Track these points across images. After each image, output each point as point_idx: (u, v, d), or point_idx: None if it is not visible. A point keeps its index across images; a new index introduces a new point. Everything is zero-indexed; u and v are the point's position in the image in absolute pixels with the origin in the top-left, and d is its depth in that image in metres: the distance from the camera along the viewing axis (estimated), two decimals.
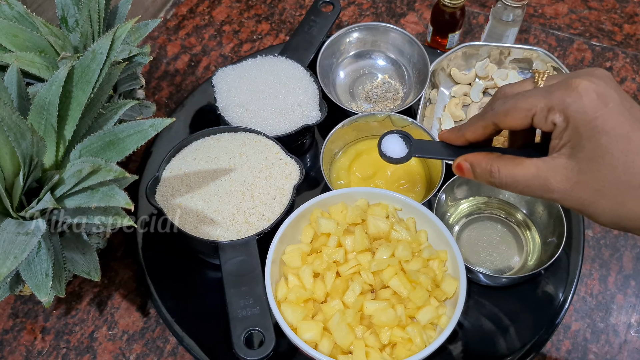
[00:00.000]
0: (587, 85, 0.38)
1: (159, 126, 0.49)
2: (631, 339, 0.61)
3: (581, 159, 0.39)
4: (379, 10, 0.87)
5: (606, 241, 0.67)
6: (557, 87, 0.39)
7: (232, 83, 0.67)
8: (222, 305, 0.55)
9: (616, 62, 0.82)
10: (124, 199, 0.44)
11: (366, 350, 0.50)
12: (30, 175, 0.46)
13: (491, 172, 0.43)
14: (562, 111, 0.39)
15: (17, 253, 0.43)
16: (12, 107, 0.44)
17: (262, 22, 0.85)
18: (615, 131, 0.37)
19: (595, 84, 0.38)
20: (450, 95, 0.74)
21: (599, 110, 0.38)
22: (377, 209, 0.58)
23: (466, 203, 0.66)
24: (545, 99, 0.39)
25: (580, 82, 0.38)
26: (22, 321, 0.61)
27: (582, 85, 0.38)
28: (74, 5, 0.59)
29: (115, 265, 0.64)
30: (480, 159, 0.44)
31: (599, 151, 0.38)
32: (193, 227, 0.57)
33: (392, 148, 0.49)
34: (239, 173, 0.60)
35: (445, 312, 0.53)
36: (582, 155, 0.38)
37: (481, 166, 0.43)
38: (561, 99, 0.39)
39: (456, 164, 0.45)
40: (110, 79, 0.53)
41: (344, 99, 0.75)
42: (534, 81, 0.44)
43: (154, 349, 0.60)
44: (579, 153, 0.39)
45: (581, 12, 0.87)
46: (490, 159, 0.43)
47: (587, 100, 0.38)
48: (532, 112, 0.40)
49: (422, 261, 0.55)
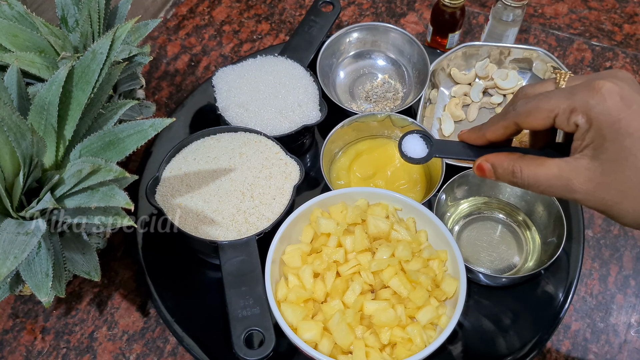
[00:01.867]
0: (611, 87, 0.38)
1: (159, 126, 0.49)
2: (631, 339, 0.61)
3: (604, 160, 0.39)
4: (379, 10, 0.87)
5: (606, 241, 0.67)
6: (579, 89, 0.39)
7: (232, 83, 0.67)
8: (222, 305, 0.55)
9: (616, 62, 0.82)
10: (124, 199, 0.44)
11: (366, 350, 0.50)
12: (30, 175, 0.46)
13: (513, 172, 0.43)
14: (585, 113, 0.39)
15: (17, 253, 0.43)
16: (12, 107, 0.44)
17: (262, 22, 0.85)
18: (638, 133, 0.38)
19: (618, 86, 0.38)
20: (450, 95, 0.74)
21: (622, 112, 0.38)
22: (377, 209, 0.58)
23: (466, 203, 0.66)
24: (568, 100, 0.39)
25: (604, 83, 0.38)
26: (22, 321, 0.61)
27: (606, 87, 0.38)
28: (74, 5, 0.59)
29: (115, 265, 0.64)
30: (502, 159, 0.44)
31: (622, 153, 0.38)
32: (193, 227, 0.57)
33: (413, 148, 0.49)
34: (239, 173, 0.60)
35: (445, 312, 0.53)
36: (605, 156, 0.39)
37: (503, 166, 0.43)
38: (584, 101, 0.39)
39: (477, 164, 0.45)
40: (110, 79, 0.53)
41: (344, 99, 0.75)
42: (555, 82, 0.44)
43: (154, 349, 0.60)
44: (601, 154, 0.39)
45: (581, 12, 0.87)
46: (512, 159, 0.43)
47: (611, 102, 0.38)
48: (554, 113, 0.40)
49: (422, 261, 0.55)
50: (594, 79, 0.39)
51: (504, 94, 0.74)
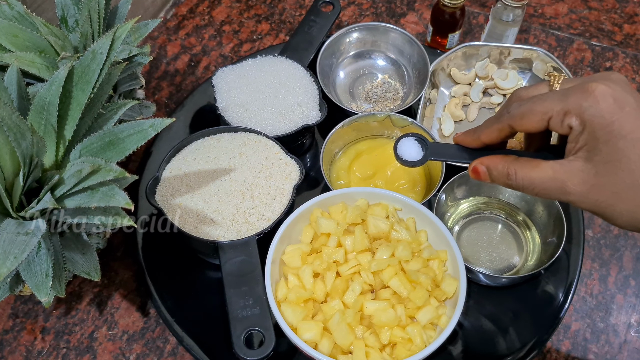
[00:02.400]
0: (604, 90, 0.38)
1: (159, 126, 0.49)
2: (631, 339, 0.61)
3: (598, 162, 0.39)
4: (379, 10, 0.87)
5: (606, 241, 0.67)
6: (573, 91, 0.40)
7: (232, 83, 0.67)
8: (222, 305, 0.55)
9: (616, 62, 0.82)
10: (124, 199, 0.44)
11: (366, 350, 0.50)
12: (30, 175, 0.46)
13: (508, 174, 0.43)
14: (579, 115, 0.39)
15: (17, 253, 0.43)
16: (12, 107, 0.44)
17: (262, 22, 0.85)
18: (632, 135, 0.38)
19: (611, 88, 0.38)
20: (450, 95, 0.74)
21: (615, 114, 0.38)
22: (377, 209, 0.58)
23: (466, 203, 0.66)
24: (562, 102, 0.40)
25: (597, 86, 0.39)
26: (22, 321, 0.61)
27: (599, 90, 0.38)
28: (74, 5, 0.59)
29: (115, 265, 0.64)
30: (497, 162, 0.44)
31: (615, 155, 0.38)
32: (193, 227, 0.57)
33: (408, 151, 0.50)
34: (239, 173, 0.60)
35: (445, 312, 0.53)
36: (598, 158, 0.39)
37: (497, 169, 0.44)
38: (578, 103, 0.39)
39: (472, 167, 0.46)
40: (110, 79, 0.53)
41: (344, 99, 0.75)
42: (549, 84, 0.44)
43: (154, 349, 0.60)
44: (595, 156, 0.39)
45: (581, 12, 0.87)
46: (507, 161, 0.43)
47: (604, 104, 0.38)
48: (548, 116, 0.40)
49: (422, 261, 0.55)
50: (587, 82, 0.40)
51: (504, 94, 0.74)
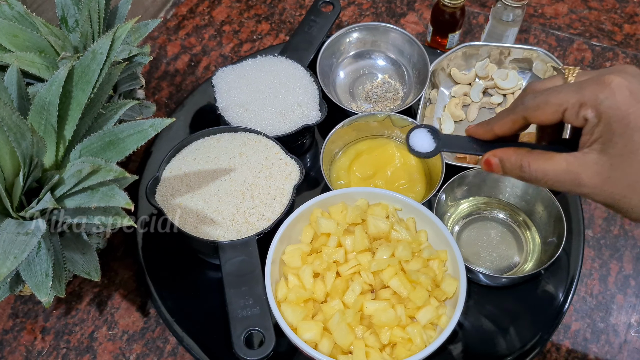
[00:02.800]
0: (620, 82, 0.38)
1: (159, 126, 0.49)
2: (631, 339, 0.61)
3: (613, 155, 0.39)
4: (379, 10, 0.87)
5: (606, 241, 0.67)
6: (589, 83, 0.39)
7: (232, 83, 0.67)
8: (222, 305, 0.55)
9: (616, 62, 0.82)
10: (124, 199, 0.44)
11: (366, 350, 0.50)
12: (30, 175, 0.46)
13: (521, 166, 0.43)
14: (595, 107, 0.39)
15: (17, 253, 0.43)
16: (12, 107, 0.44)
17: (262, 22, 0.85)
18: None
19: (627, 80, 0.38)
20: (450, 95, 0.74)
21: (631, 106, 0.38)
22: (377, 209, 0.58)
23: (466, 203, 0.66)
24: (577, 94, 0.39)
25: (613, 78, 0.38)
26: (22, 321, 0.61)
27: (615, 82, 0.38)
28: (74, 5, 0.59)
29: (115, 265, 0.64)
30: (510, 154, 0.44)
31: (631, 147, 0.38)
32: (193, 227, 0.57)
33: (420, 142, 0.49)
34: (239, 173, 0.60)
35: (445, 312, 0.53)
36: (614, 151, 0.39)
37: (510, 161, 0.43)
38: (594, 95, 0.39)
39: (484, 159, 0.45)
40: (110, 79, 0.53)
41: (344, 99, 0.75)
42: (564, 77, 0.44)
43: (154, 349, 0.60)
44: (610, 149, 0.39)
45: (581, 12, 0.87)
46: (520, 153, 0.43)
47: (620, 96, 0.38)
48: (563, 107, 0.40)
49: (422, 261, 0.55)
50: (603, 74, 0.39)
51: (504, 94, 0.74)
